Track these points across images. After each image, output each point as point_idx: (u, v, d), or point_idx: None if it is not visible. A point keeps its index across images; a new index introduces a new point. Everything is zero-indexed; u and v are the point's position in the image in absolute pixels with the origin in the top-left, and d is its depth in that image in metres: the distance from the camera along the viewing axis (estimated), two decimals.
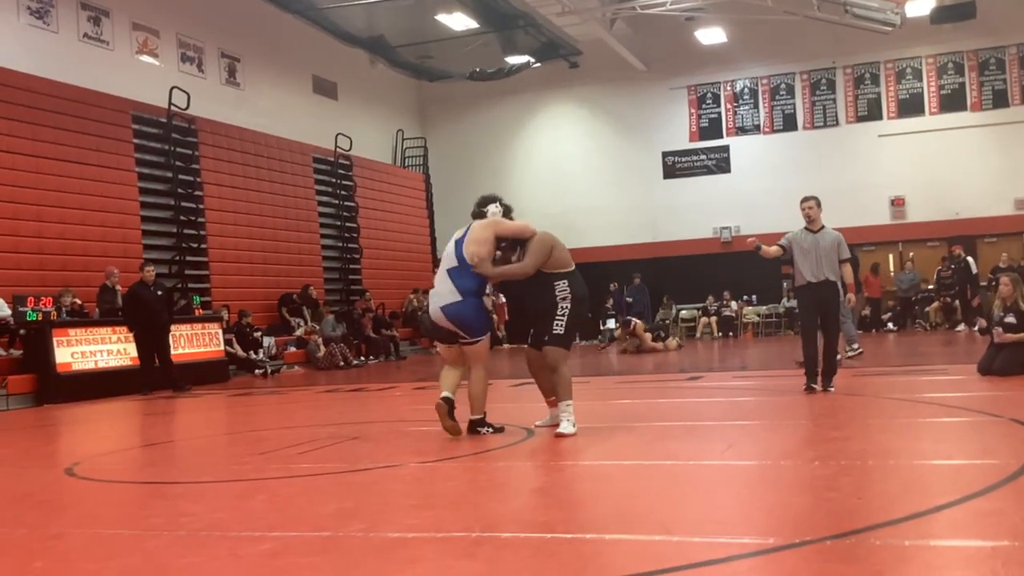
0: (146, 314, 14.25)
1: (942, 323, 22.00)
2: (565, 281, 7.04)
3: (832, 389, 9.33)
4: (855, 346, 13.28)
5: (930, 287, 22.84)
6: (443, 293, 7.15)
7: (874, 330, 22.21)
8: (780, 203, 24.50)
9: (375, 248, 24.24)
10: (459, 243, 7.21)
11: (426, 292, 24.49)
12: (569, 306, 7.02)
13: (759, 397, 9.71)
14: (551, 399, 7.40)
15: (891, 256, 24.64)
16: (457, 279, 7.09)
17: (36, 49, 16.22)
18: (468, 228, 7.31)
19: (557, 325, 6.97)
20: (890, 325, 22.57)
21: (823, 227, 9.68)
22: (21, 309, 13.65)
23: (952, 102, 24.03)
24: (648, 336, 19.40)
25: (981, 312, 20.02)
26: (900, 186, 24.18)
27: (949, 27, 22.33)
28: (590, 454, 6.58)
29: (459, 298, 7.06)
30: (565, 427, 7.02)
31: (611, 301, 24.48)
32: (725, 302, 24.10)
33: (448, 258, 7.24)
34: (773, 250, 9.94)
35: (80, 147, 16.38)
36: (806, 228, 9.73)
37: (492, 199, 7.53)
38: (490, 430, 7.19)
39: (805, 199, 9.92)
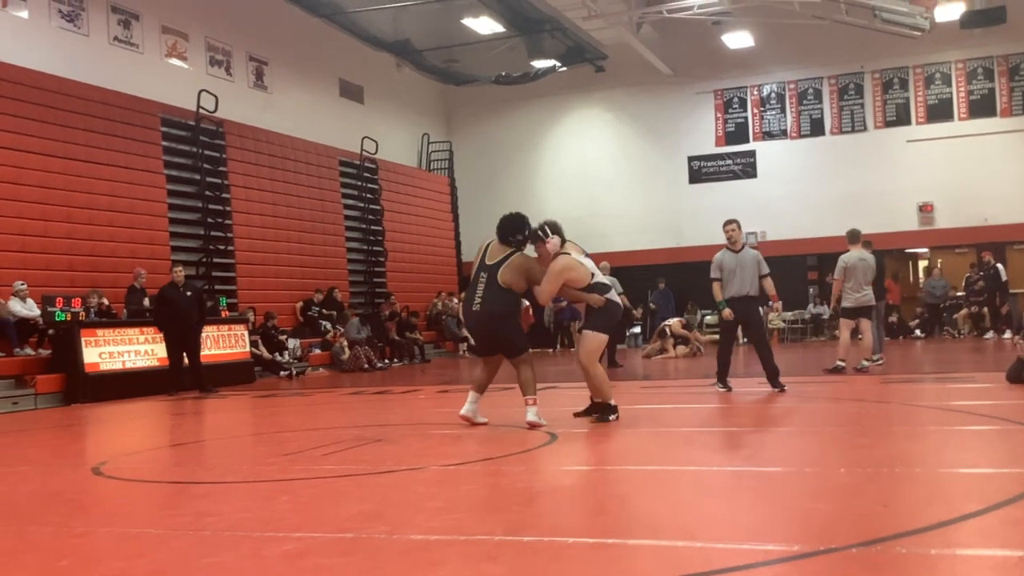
0: (175, 315, 14.35)
1: (971, 330, 21.78)
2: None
3: (783, 388, 10.13)
4: (876, 357, 13.16)
5: (959, 294, 22.61)
6: None
7: (901, 337, 22.02)
8: (807, 208, 24.48)
9: (400, 251, 24.31)
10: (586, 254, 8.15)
11: (450, 295, 24.68)
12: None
13: (784, 403, 9.65)
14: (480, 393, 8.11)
15: (919, 263, 24.42)
16: None
17: (67, 52, 16.40)
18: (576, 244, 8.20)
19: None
20: (917, 332, 22.37)
21: (744, 246, 10.57)
22: (50, 309, 13.81)
23: (982, 107, 23.81)
24: (671, 341, 19.37)
25: (1010, 320, 19.82)
26: (928, 192, 23.97)
27: (979, 32, 22.12)
28: (613, 459, 6.56)
29: None
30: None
31: (640, 309, 24.43)
32: None
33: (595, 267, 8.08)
34: (717, 289, 10.52)
35: (110, 149, 16.55)
36: (728, 248, 10.51)
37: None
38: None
39: (727, 222, 10.70)
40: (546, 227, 7.89)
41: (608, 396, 7.95)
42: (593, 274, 7.85)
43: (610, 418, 7.88)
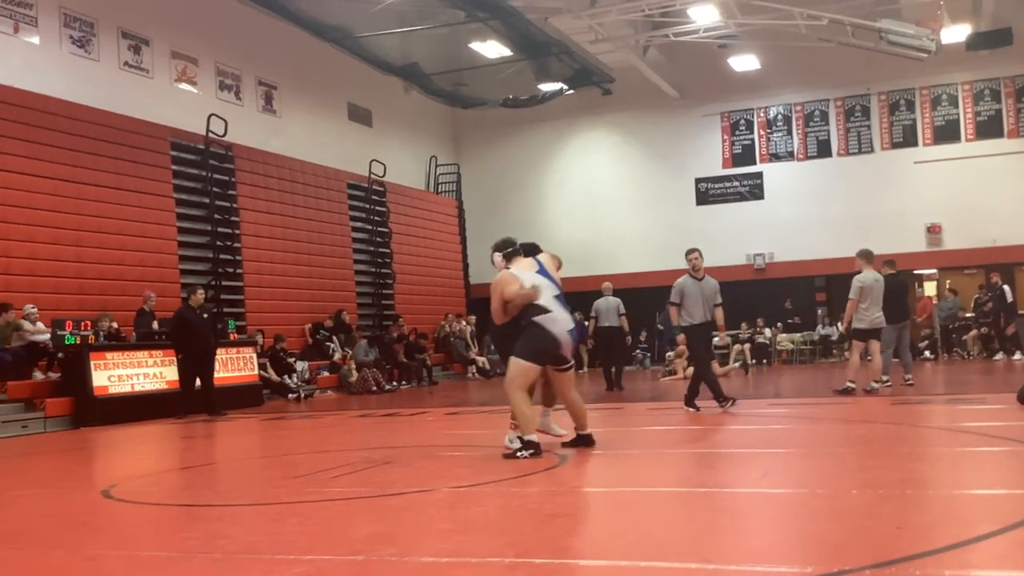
0: (194, 337, 14.36)
1: (980, 351, 21.68)
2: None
3: (698, 409, 10.74)
4: (885, 378, 13.10)
5: (968, 315, 22.53)
6: (567, 319, 7.50)
7: (912, 359, 21.92)
8: (814, 229, 24.47)
9: (408, 274, 24.35)
10: (547, 274, 7.58)
11: (458, 317, 24.64)
12: None
13: (794, 425, 9.61)
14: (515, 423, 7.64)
15: (929, 284, 24.37)
16: (566, 306, 7.55)
17: (78, 77, 16.53)
18: (536, 262, 7.70)
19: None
20: (927, 354, 22.29)
21: (705, 275, 10.89)
22: (60, 333, 13.84)
23: (989, 128, 23.83)
24: (681, 363, 19.30)
25: (1018, 340, 19.74)
26: (936, 213, 23.96)
27: (985, 53, 22.19)
28: (624, 481, 6.54)
29: (574, 324, 7.60)
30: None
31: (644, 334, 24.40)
32: (759, 329, 23.92)
33: (549, 287, 7.50)
34: (675, 313, 11.03)
35: (120, 173, 16.64)
36: (691, 275, 10.88)
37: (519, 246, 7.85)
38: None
39: (690, 251, 11.04)
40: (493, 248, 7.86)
41: (528, 430, 7.27)
42: (537, 287, 7.36)
43: (519, 454, 7.17)
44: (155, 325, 15.57)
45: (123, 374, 14.27)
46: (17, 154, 14.97)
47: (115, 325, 15.04)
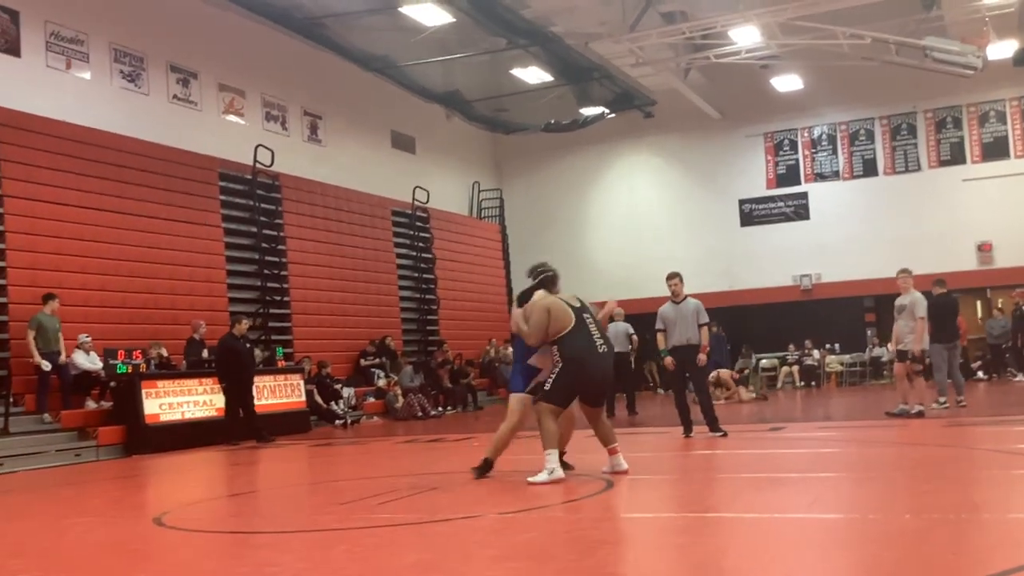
0: (239, 366, 14.54)
1: None
2: (556, 346, 7.49)
3: (720, 433, 10.46)
4: (942, 400, 12.85)
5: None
6: None
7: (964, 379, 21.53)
8: (862, 249, 24.18)
9: (452, 299, 24.45)
10: None
11: (506, 342, 24.66)
12: (559, 367, 7.45)
13: (845, 448, 9.48)
14: (610, 447, 7.69)
15: (979, 303, 23.97)
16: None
17: (129, 111, 16.89)
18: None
19: (547, 383, 7.52)
20: (979, 374, 21.89)
21: (685, 298, 11.05)
22: (112, 362, 14.07)
23: None
24: (734, 384, 19.19)
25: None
26: (987, 231, 23.58)
27: None
28: (670, 506, 6.50)
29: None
30: (539, 476, 7.33)
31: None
32: (807, 351, 23.64)
33: None
34: (660, 339, 11.10)
35: (170, 204, 16.93)
36: (671, 301, 11.06)
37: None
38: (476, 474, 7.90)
39: (670, 276, 11.20)
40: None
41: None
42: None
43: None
44: (205, 353, 15.77)
45: (174, 402, 14.45)
46: (70, 187, 15.30)
47: (165, 353, 15.26)
